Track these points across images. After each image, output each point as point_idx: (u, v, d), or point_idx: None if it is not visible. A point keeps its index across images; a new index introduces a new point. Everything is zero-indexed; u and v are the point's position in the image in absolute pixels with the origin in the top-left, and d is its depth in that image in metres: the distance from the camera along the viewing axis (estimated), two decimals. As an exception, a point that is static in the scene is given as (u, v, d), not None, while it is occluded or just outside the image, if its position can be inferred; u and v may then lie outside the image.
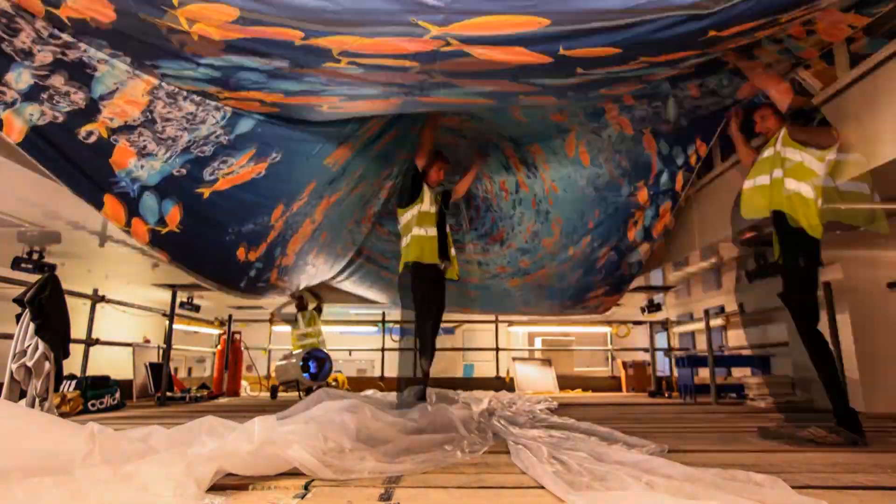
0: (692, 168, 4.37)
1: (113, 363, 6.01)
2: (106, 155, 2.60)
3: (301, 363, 6.74)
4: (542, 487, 1.66)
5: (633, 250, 5.36)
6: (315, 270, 5.71)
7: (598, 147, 4.28)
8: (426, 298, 3.98)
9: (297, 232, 4.51)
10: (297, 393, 6.96)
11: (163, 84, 2.50)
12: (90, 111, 2.39)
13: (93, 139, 2.49)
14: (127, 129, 2.58)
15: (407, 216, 4.06)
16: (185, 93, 2.60)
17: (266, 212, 3.87)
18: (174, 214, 3.12)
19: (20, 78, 2.16)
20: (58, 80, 2.22)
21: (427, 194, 4.05)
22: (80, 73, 2.26)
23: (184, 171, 2.98)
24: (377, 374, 9.52)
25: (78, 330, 4.92)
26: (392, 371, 9.05)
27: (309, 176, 3.88)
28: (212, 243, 3.72)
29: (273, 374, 8.78)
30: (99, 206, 2.72)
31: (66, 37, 2.11)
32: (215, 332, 8.71)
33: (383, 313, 9.23)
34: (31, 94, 2.22)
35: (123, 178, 2.74)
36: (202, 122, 2.77)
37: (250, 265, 4.27)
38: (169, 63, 2.33)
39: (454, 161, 4.64)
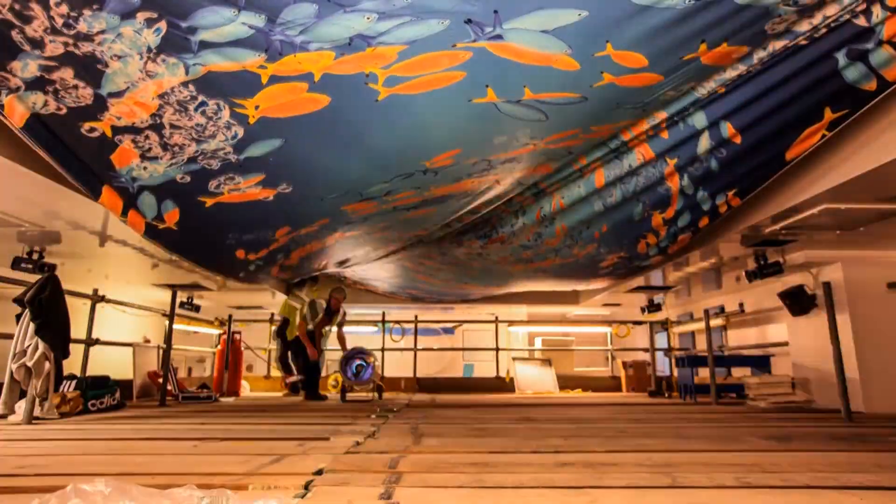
0: (720, 216, 4.14)
1: (113, 363, 6.01)
2: (108, 151, 2.54)
3: (344, 361, 6.45)
4: (542, 487, 1.66)
5: (643, 259, 5.27)
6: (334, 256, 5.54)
7: (616, 172, 4.05)
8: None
9: (303, 247, 4.45)
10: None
11: (174, 90, 2.34)
12: (96, 107, 2.30)
13: (95, 135, 2.43)
14: (133, 130, 2.49)
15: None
16: (196, 102, 2.43)
17: (270, 229, 3.78)
18: (173, 215, 3.07)
19: (26, 68, 2.08)
20: (66, 74, 2.13)
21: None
22: (91, 69, 2.14)
23: (188, 178, 2.88)
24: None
25: (78, 330, 4.91)
26: (392, 371, 9.04)
27: (321, 214, 3.75)
28: (210, 244, 3.68)
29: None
30: (97, 195, 2.70)
31: (81, 26, 1.96)
32: (215, 332, 8.71)
33: (383, 313, 9.22)
34: (36, 84, 2.15)
35: (124, 175, 2.69)
36: (212, 137, 2.64)
37: (250, 262, 4.25)
38: (205, 14, 1.99)
39: None
